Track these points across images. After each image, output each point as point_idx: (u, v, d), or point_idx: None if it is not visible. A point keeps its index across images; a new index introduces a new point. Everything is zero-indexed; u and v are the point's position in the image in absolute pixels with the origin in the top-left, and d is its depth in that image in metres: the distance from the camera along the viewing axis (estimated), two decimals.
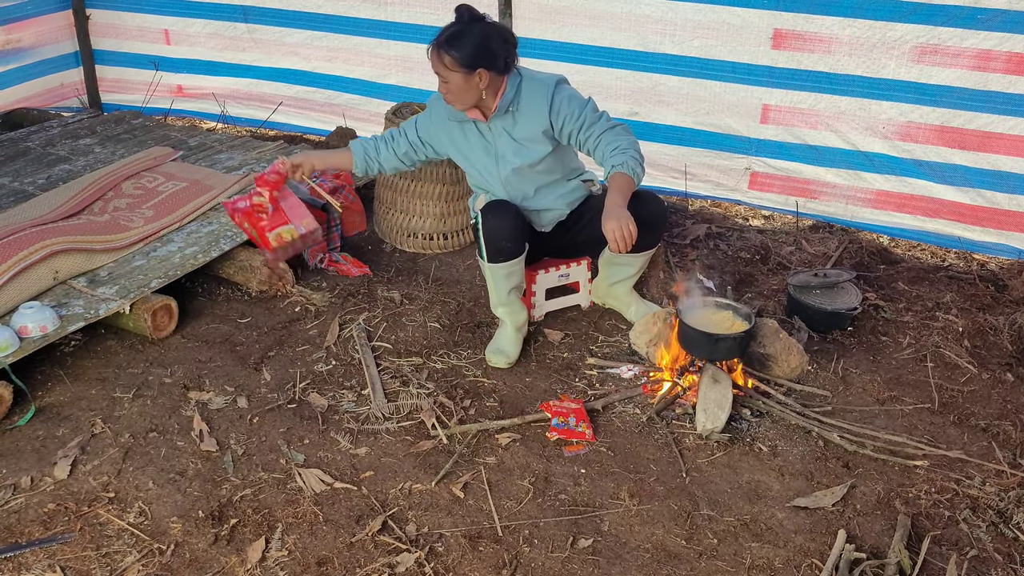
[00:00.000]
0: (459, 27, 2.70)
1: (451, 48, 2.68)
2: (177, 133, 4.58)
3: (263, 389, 2.87)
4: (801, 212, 4.12)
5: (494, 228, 2.89)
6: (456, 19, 2.73)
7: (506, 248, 2.91)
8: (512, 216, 2.91)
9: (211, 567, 2.19)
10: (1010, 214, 3.76)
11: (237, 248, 3.39)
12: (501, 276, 2.97)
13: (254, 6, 4.83)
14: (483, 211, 2.92)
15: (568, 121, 2.83)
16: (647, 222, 2.84)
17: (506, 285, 2.99)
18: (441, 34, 2.72)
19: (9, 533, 2.26)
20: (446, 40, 2.70)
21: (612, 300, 3.34)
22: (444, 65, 2.71)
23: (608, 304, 3.37)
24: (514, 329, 3.06)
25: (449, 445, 2.63)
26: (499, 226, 2.89)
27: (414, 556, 2.22)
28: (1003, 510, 2.42)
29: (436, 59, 2.73)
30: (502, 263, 2.93)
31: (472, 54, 2.68)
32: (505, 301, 3.03)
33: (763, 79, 3.93)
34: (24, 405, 2.72)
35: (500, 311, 3.07)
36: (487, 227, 2.89)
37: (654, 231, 3.02)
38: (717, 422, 2.65)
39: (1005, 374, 3.03)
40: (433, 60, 2.74)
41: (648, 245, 3.06)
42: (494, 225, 2.89)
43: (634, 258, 3.11)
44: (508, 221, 2.90)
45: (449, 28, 2.72)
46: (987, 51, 3.51)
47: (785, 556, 2.27)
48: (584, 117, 2.83)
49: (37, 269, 2.97)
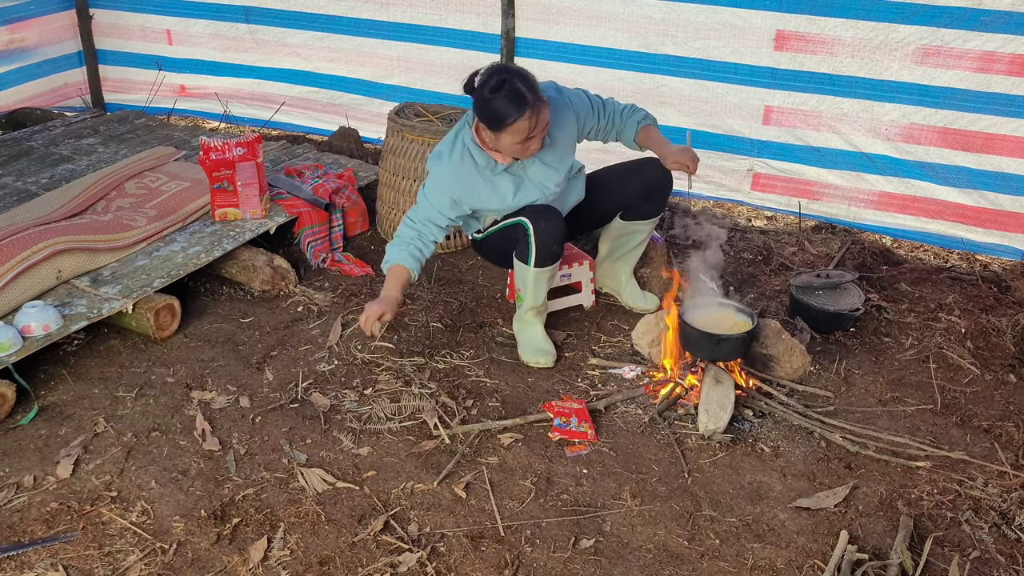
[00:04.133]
0: (509, 76, 2.61)
1: (540, 97, 2.62)
2: (180, 133, 4.59)
3: (265, 389, 2.87)
4: (804, 213, 4.12)
5: (547, 233, 2.86)
6: (494, 74, 2.63)
7: (555, 252, 2.92)
8: (560, 220, 2.92)
9: (213, 566, 2.19)
10: (1013, 215, 3.75)
11: (240, 248, 3.39)
12: (545, 279, 2.97)
13: (255, 7, 4.84)
14: (532, 217, 2.85)
15: (588, 119, 2.95)
16: (656, 187, 3.08)
17: (546, 288, 3.01)
18: (523, 94, 2.56)
19: (12, 532, 2.27)
20: (535, 93, 2.60)
21: (611, 280, 3.38)
22: (544, 116, 2.64)
23: (606, 286, 3.39)
24: (543, 327, 3.09)
25: (451, 445, 2.63)
26: (551, 231, 2.87)
27: (416, 556, 2.22)
28: (1005, 511, 2.42)
29: (537, 117, 2.60)
30: (549, 267, 2.93)
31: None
32: (540, 304, 3.04)
33: (765, 80, 3.93)
34: (27, 404, 2.72)
35: (529, 315, 3.06)
36: (540, 233, 2.85)
37: (662, 196, 3.14)
38: (719, 423, 2.65)
39: (1008, 375, 3.03)
40: (532, 124, 2.60)
41: (655, 212, 3.17)
42: (547, 230, 2.86)
43: (643, 224, 3.19)
44: (559, 225, 2.89)
45: (514, 82, 2.58)
46: (990, 53, 3.51)
47: (787, 557, 2.26)
48: (596, 109, 2.97)
49: (40, 268, 2.98)
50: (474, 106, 2.71)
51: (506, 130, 2.62)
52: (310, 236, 3.64)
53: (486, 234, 3.04)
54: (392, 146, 3.71)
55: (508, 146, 2.70)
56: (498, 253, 3.10)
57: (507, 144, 2.69)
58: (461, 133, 2.84)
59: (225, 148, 3.36)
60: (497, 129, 2.64)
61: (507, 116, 2.58)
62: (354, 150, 4.54)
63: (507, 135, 2.64)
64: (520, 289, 3.01)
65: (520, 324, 3.09)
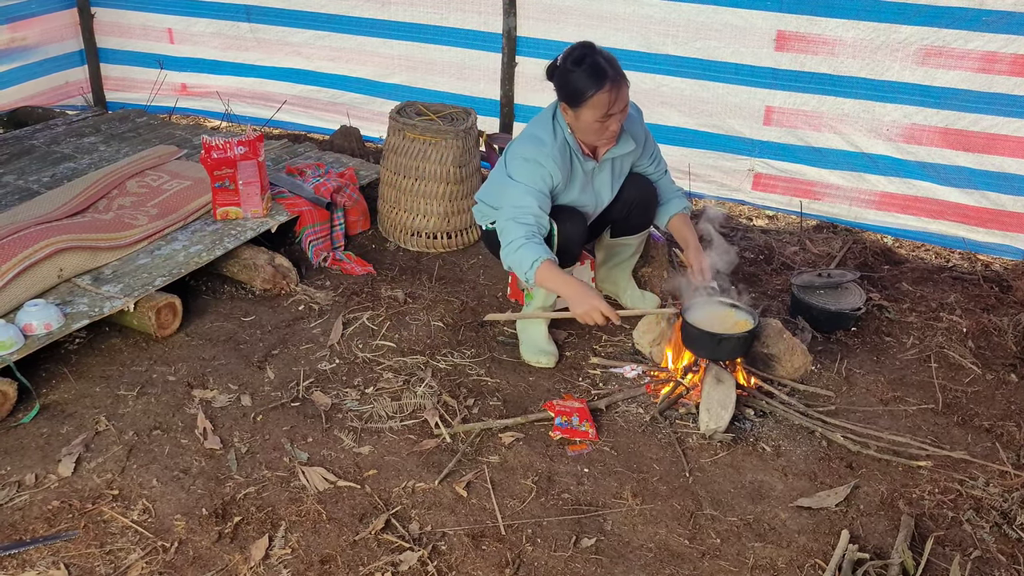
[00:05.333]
0: (591, 51, 2.61)
1: (621, 73, 2.62)
2: (181, 132, 4.59)
3: (267, 387, 2.87)
4: (805, 212, 4.12)
5: (571, 235, 2.86)
6: (576, 49, 2.63)
7: (574, 254, 2.95)
8: (584, 223, 2.93)
9: (214, 565, 2.19)
10: (1015, 215, 3.75)
11: (241, 247, 3.39)
12: None
13: (256, 6, 4.84)
14: (558, 218, 2.83)
15: (647, 149, 3.02)
16: (644, 203, 3.08)
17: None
18: (604, 67, 2.57)
19: (13, 530, 2.27)
20: (616, 69, 2.60)
21: (610, 284, 3.38)
22: (624, 95, 2.64)
23: (605, 289, 3.40)
24: (547, 327, 3.09)
25: (452, 444, 2.63)
26: (575, 232, 2.88)
27: (417, 555, 2.22)
28: (1007, 511, 2.42)
29: (618, 92, 2.59)
30: (566, 269, 2.94)
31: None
32: (550, 304, 3.05)
33: (766, 81, 3.93)
34: (28, 402, 2.72)
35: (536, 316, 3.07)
36: (564, 233, 2.84)
37: (647, 212, 3.13)
38: (720, 422, 2.65)
39: (1009, 375, 3.03)
40: (612, 98, 2.59)
41: (642, 226, 3.18)
42: (571, 232, 2.86)
43: (632, 238, 3.22)
44: (582, 228, 2.92)
45: (595, 57, 2.59)
46: (992, 53, 3.51)
47: (788, 556, 2.26)
48: (652, 152, 3.07)
49: (42, 267, 2.98)
50: (557, 85, 2.70)
51: (587, 104, 2.62)
52: (311, 235, 3.64)
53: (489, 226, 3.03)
54: (393, 145, 3.72)
55: (588, 124, 2.67)
56: None
57: (587, 122, 2.67)
58: (557, 119, 2.80)
59: (227, 147, 3.36)
60: (578, 104, 2.64)
61: (588, 88, 2.59)
62: (355, 149, 4.55)
63: (587, 110, 2.63)
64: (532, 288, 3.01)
65: (524, 323, 3.09)
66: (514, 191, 2.74)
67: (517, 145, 2.82)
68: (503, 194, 2.80)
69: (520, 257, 2.65)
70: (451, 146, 3.64)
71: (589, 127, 2.69)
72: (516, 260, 2.67)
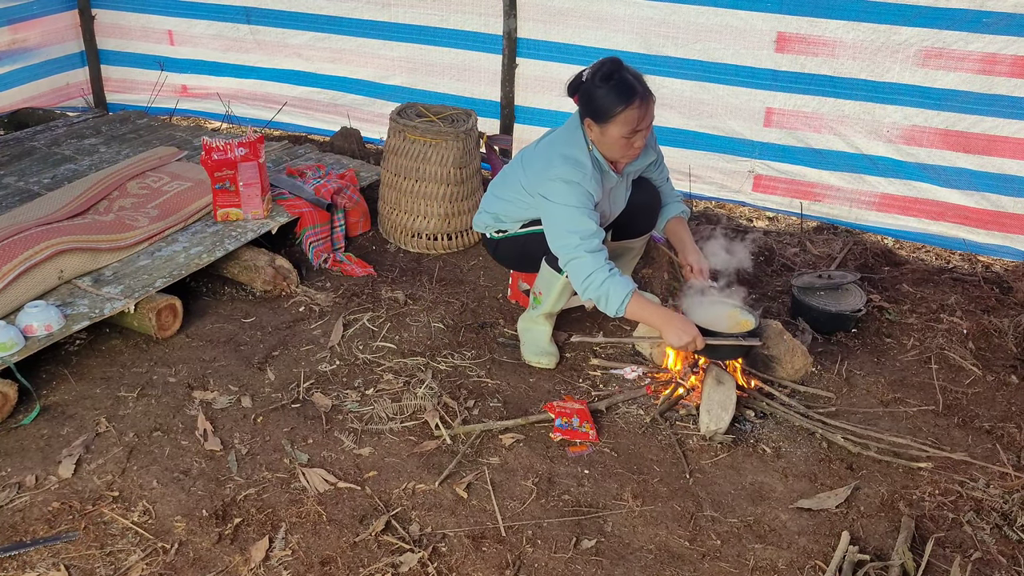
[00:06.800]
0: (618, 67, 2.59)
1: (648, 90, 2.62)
2: (182, 133, 4.59)
3: (267, 389, 2.87)
4: (805, 214, 4.12)
5: None
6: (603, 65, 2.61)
7: None
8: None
9: (215, 566, 2.19)
10: (1015, 217, 3.76)
11: (242, 248, 3.39)
12: (570, 289, 2.95)
13: (256, 7, 4.84)
14: None
15: (651, 151, 3.01)
16: (649, 208, 3.10)
17: (568, 296, 3.01)
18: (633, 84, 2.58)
19: (14, 531, 2.27)
20: (643, 85, 2.60)
21: None
22: (651, 112, 2.64)
23: None
24: (551, 328, 3.10)
25: (453, 445, 2.63)
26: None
27: (417, 556, 2.22)
28: (1007, 512, 2.42)
29: (646, 109, 2.60)
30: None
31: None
32: (557, 308, 3.05)
33: (767, 82, 3.94)
34: (29, 404, 2.72)
35: (541, 317, 3.07)
36: None
37: (652, 214, 3.14)
38: (721, 423, 2.65)
39: (1009, 376, 3.03)
40: (640, 115, 2.59)
41: (645, 229, 3.20)
42: None
43: (634, 241, 3.26)
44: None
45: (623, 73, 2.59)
46: (992, 54, 3.51)
47: (789, 558, 2.26)
48: (660, 157, 3.09)
49: (42, 268, 2.98)
50: (582, 101, 2.68)
51: (615, 120, 2.60)
52: (312, 236, 3.65)
53: (509, 235, 3.02)
54: (394, 146, 3.72)
55: (614, 140, 2.65)
56: (516, 257, 3.10)
57: (614, 138, 2.65)
58: (586, 137, 2.74)
59: (227, 148, 3.36)
60: (605, 120, 2.62)
61: (616, 105, 2.58)
62: (356, 150, 4.55)
63: (615, 126, 2.61)
64: (541, 293, 3.00)
65: (528, 324, 3.09)
66: (567, 215, 2.67)
67: (555, 168, 2.70)
68: (550, 220, 2.73)
69: (607, 291, 2.62)
70: (451, 148, 3.65)
71: (615, 143, 2.67)
72: (603, 294, 2.63)
